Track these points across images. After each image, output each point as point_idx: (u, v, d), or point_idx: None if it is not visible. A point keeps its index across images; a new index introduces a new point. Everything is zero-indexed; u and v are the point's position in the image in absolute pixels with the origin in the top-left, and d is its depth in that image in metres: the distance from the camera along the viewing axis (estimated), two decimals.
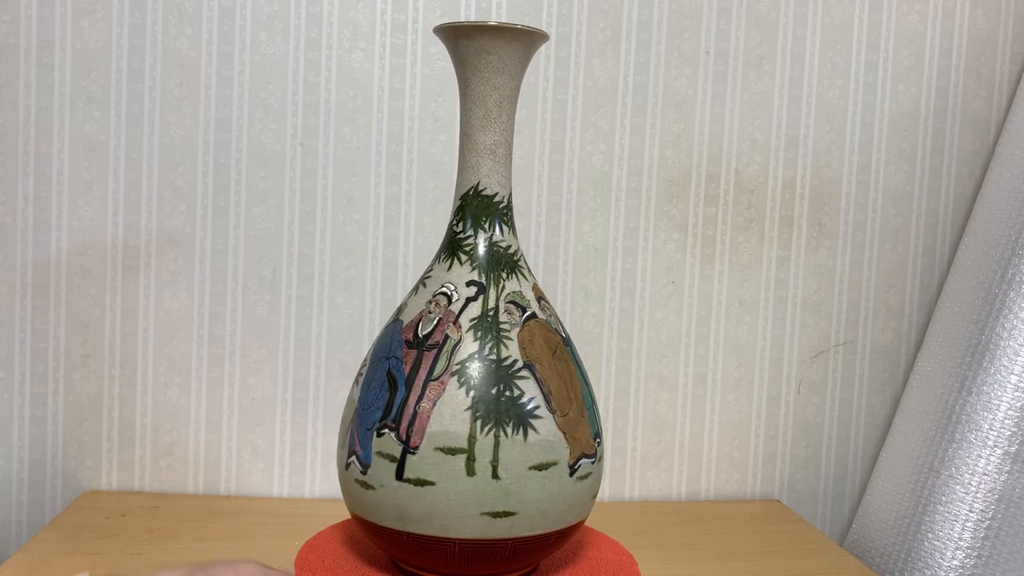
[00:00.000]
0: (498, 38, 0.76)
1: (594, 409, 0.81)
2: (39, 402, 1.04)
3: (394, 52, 1.05)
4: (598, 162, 1.09)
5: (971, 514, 0.96)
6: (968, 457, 0.97)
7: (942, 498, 0.98)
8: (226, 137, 1.04)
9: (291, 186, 1.05)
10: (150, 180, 1.04)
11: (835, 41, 1.11)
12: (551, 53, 1.07)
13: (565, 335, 0.81)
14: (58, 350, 1.04)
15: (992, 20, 1.13)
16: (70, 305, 1.04)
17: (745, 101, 1.11)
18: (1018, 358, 0.96)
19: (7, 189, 1.02)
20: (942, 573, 0.96)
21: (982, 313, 1.00)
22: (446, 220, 0.95)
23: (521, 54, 0.78)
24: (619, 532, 0.96)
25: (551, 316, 0.81)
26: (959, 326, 1.04)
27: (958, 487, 0.97)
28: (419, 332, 0.76)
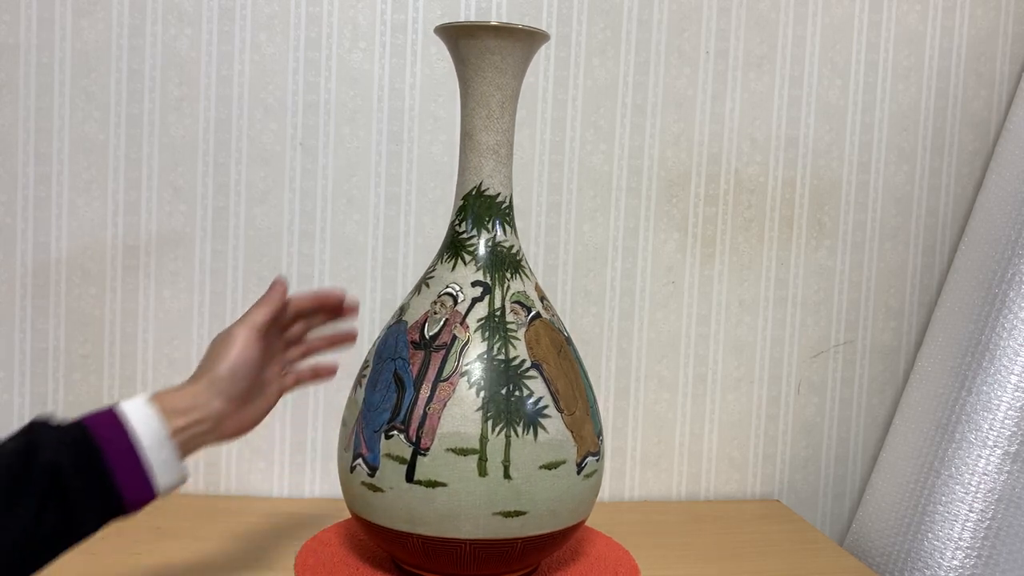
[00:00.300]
0: (500, 38, 0.76)
1: (596, 407, 0.81)
2: (39, 402, 1.04)
3: (394, 52, 1.05)
4: (598, 162, 1.09)
5: (971, 514, 0.96)
6: (968, 457, 0.97)
7: (942, 498, 0.98)
8: (226, 137, 1.04)
9: (291, 186, 1.05)
10: (150, 180, 1.04)
11: (835, 41, 1.12)
12: (551, 53, 1.07)
13: (567, 334, 0.82)
14: (58, 350, 1.04)
15: (992, 20, 1.13)
16: (70, 305, 1.03)
17: (745, 101, 1.11)
18: (1018, 358, 0.96)
19: (7, 189, 1.02)
20: (942, 573, 0.96)
21: (982, 313, 1.00)
22: (446, 220, 0.95)
23: (523, 54, 0.78)
24: (619, 532, 0.97)
25: (553, 316, 0.81)
26: (959, 326, 1.04)
27: (958, 487, 0.97)
28: (426, 333, 0.76)
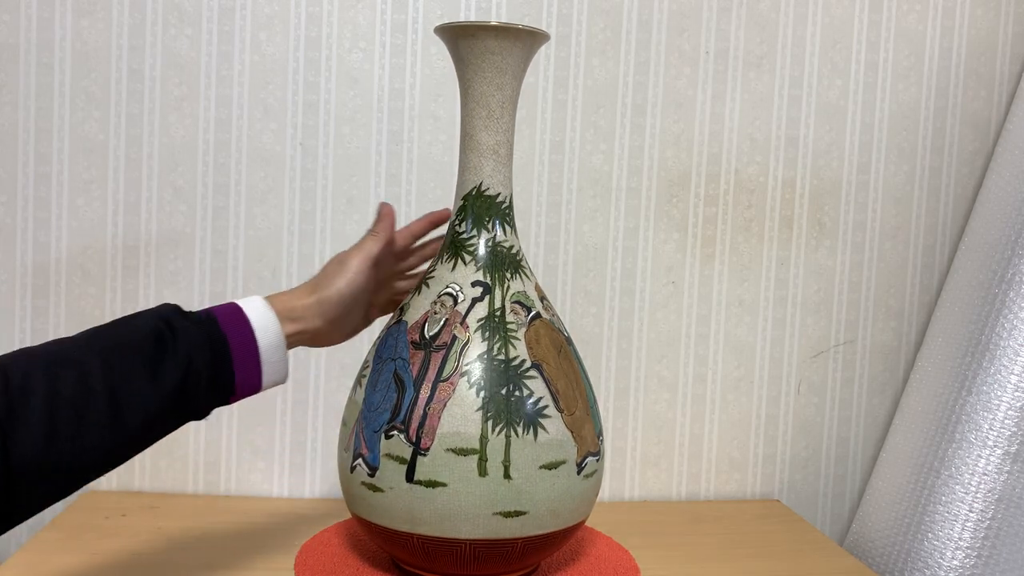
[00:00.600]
0: (501, 38, 0.76)
1: (596, 407, 0.81)
2: None
3: (394, 52, 1.05)
4: (598, 162, 1.09)
5: (971, 514, 0.96)
6: (968, 457, 0.97)
7: (942, 498, 0.98)
8: (226, 137, 1.04)
9: (291, 186, 1.05)
10: (150, 180, 1.04)
11: (835, 41, 1.12)
12: (551, 53, 1.07)
13: (567, 334, 0.82)
14: None
15: (992, 20, 1.13)
16: (70, 305, 1.03)
17: (745, 101, 1.11)
18: (1018, 358, 0.96)
19: (7, 189, 1.02)
20: (942, 573, 0.96)
21: (982, 313, 1.00)
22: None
23: (523, 54, 0.78)
24: (619, 532, 0.97)
25: (553, 316, 0.81)
26: (959, 326, 1.04)
27: (958, 487, 0.97)
28: (426, 333, 0.76)
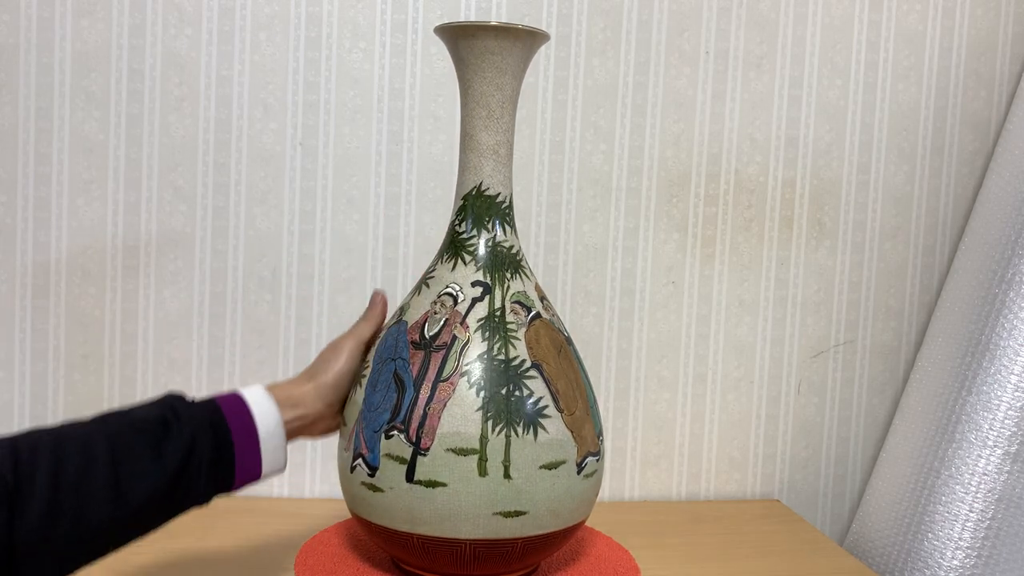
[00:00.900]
0: (501, 38, 0.76)
1: (596, 407, 0.81)
2: (39, 402, 1.04)
3: (394, 52, 1.05)
4: (598, 162, 1.09)
5: (971, 514, 0.96)
6: (968, 457, 0.97)
7: (942, 498, 0.98)
8: (226, 137, 1.04)
9: (291, 186, 1.05)
10: (150, 180, 1.04)
11: (835, 41, 1.12)
12: (551, 53, 1.07)
13: (567, 334, 0.82)
14: (58, 350, 1.04)
15: (992, 20, 1.13)
16: (70, 305, 1.03)
17: (745, 101, 1.11)
18: (1018, 358, 0.96)
19: (7, 189, 1.02)
20: (942, 573, 0.96)
21: (982, 313, 1.00)
22: (446, 220, 0.95)
23: (523, 54, 0.78)
24: (619, 532, 0.97)
25: (553, 316, 0.81)
26: (959, 326, 1.04)
27: (958, 487, 0.97)
28: (425, 333, 0.76)
